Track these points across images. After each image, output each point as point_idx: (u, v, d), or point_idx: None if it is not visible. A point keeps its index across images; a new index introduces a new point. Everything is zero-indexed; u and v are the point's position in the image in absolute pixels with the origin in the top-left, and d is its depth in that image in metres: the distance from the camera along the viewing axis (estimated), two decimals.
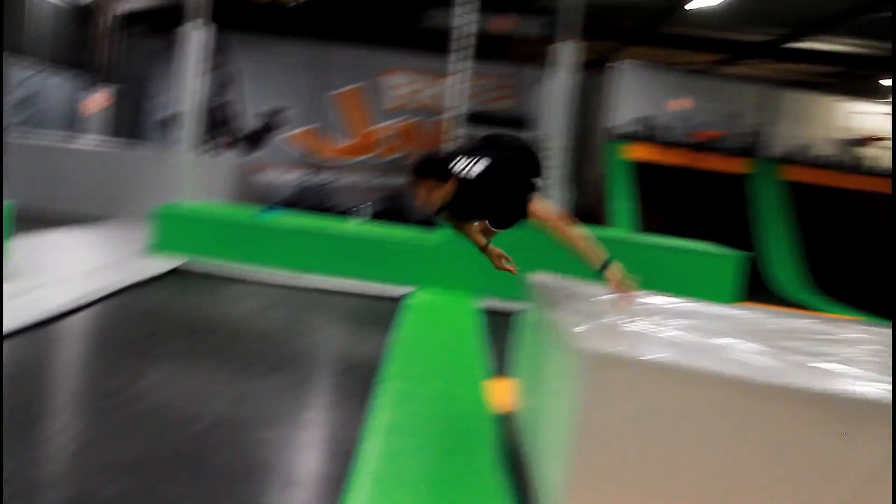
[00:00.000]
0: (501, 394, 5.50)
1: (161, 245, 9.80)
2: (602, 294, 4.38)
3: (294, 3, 7.71)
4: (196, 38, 10.66)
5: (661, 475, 3.38)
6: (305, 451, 4.62)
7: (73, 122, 17.89)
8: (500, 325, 7.93)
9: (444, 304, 8.98)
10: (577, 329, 3.67)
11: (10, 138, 13.59)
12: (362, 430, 4.63)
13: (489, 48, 17.11)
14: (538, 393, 4.37)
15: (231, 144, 17.95)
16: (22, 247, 8.88)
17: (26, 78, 16.04)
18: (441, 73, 18.06)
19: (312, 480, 4.21)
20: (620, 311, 4.16)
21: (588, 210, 14.87)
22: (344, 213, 17.33)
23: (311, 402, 5.50)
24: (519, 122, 17.06)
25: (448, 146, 12.93)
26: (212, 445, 4.38)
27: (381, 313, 8.42)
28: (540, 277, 5.11)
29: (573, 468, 3.46)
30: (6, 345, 5.66)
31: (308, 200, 18.05)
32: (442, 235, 9.83)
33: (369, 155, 18.75)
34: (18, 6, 15.83)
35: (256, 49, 18.29)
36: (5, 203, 7.98)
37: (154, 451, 4.19)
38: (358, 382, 5.79)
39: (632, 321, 4.01)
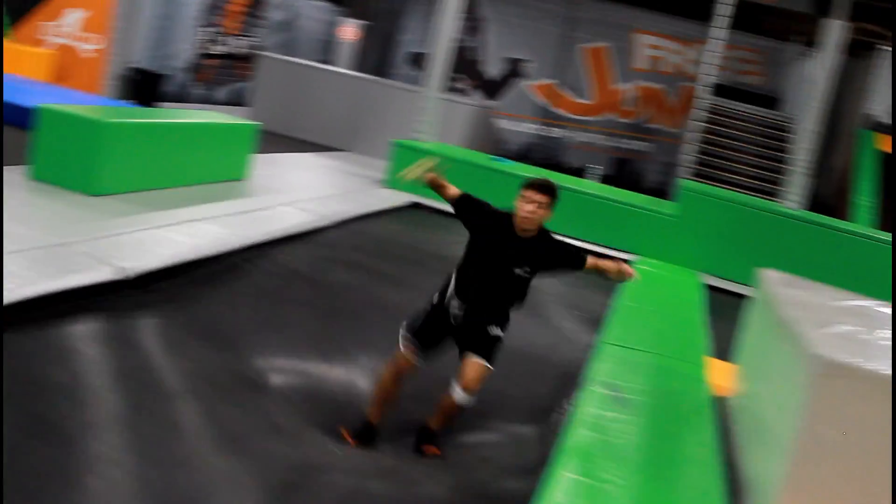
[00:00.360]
0: (719, 376, 5.33)
1: (396, 180, 10.00)
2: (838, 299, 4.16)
3: None
4: None
5: (881, 494, 3.18)
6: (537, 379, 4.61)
7: (324, 51, 18.45)
8: (724, 306, 7.70)
9: (669, 275, 8.79)
10: (810, 334, 3.49)
11: (269, 55, 14.12)
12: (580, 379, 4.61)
13: (747, 18, 16.49)
14: (759, 385, 4.20)
15: (473, 89, 18.10)
16: (268, 164, 9.27)
17: (289, 2, 16.62)
18: (693, 39, 17.58)
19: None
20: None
21: (828, 201, 14.16)
22: (574, 170, 17.21)
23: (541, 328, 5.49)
24: (768, 99, 16.40)
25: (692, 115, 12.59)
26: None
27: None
28: (772, 273, 4.89)
29: (791, 474, 3.31)
30: (243, 254, 5.93)
31: (540, 153, 18.02)
32: (676, 206, 9.61)
33: (608, 115, 18.48)
34: None
35: None
36: (248, 125, 8.35)
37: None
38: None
39: (860, 329, 3.78)
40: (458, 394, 3.98)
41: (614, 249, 9.35)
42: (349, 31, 18.40)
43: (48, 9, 12.22)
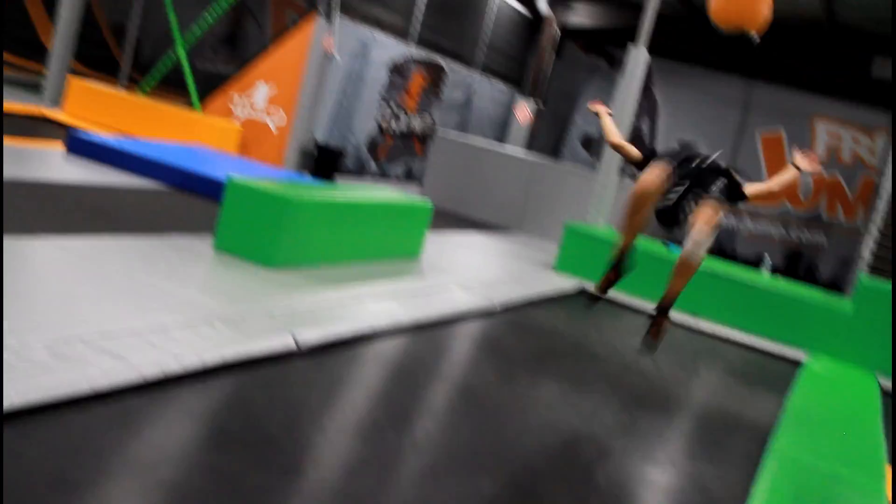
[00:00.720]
0: None
1: (566, 264, 10.01)
2: None
3: (756, 37, 7.55)
4: (637, 62, 10.75)
5: None
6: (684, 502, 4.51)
7: (499, 130, 18.75)
8: None
9: (844, 375, 8.45)
10: None
11: (441, 136, 14.43)
12: (743, 498, 4.43)
13: None
14: None
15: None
16: (438, 243, 9.41)
17: (466, 82, 16.98)
18: (875, 127, 17.07)
19: None
20: None
21: None
22: (746, 260, 16.83)
23: (694, 451, 5.35)
24: None
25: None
26: (588, 471, 4.37)
27: (776, 374, 8.09)
28: None
29: None
30: (413, 333, 6.03)
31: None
32: (852, 303, 9.28)
33: (782, 204, 18.04)
34: (479, 12, 16.79)
35: (679, 78, 18.19)
36: (425, 203, 8.52)
37: (534, 465, 4.24)
38: (745, 443, 5.59)
39: None
40: (689, 241, 4.89)
41: (786, 344, 9.09)
42: (524, 111, 18.65)
43: (240, 82, 12.84)
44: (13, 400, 3.33)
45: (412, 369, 5.43)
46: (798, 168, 5.58)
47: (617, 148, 5.88)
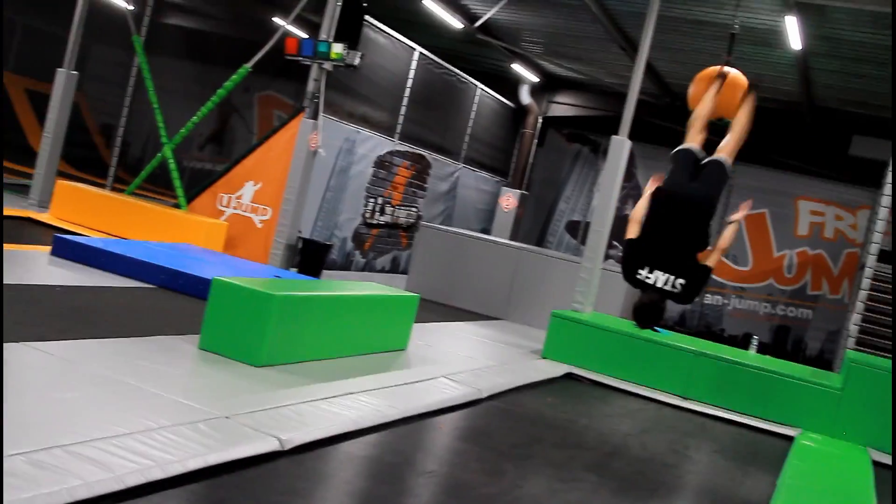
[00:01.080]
0: None
1: (553, 351, 10.04)
2: None
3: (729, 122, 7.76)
4: (620, 151, 10.91)
5: None
6: None
7: (484, 219, 18.91)
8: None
9: (836, 451, 8.44)
10: None
11: (429, 224, 14.54)
12: None
13: None
14: None
15: None
16: (426, 334, 9.44)
17: (450, 172, 17.18)
18: (857, 206, 17.30)
19: None
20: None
21: None
22: (732, 338, 16.89)
23: None
24: None
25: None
26: None
27: (768, 451, 8.10)
28: None
29: None
30: (401, 428, 6.03)
31: (698, 321, 17.80)
32: (841, 378, 9.30)
33: (767, 282, 18.16)
34: (463, 105, 17.07)
35: (661, 161, 18.40)
36: (411, 296, 8.59)
37: None
38: None
39: None
40: None
41: (776, 422, 9.09)
42: (509, 200, 18.83)
43: (228, 180, 12.97)
44: None
45: (398, 465, 5.42)
46: (732, 221, 6.92)
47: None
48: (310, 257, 12.47)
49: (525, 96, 19.04)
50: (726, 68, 7.76)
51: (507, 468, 5.70)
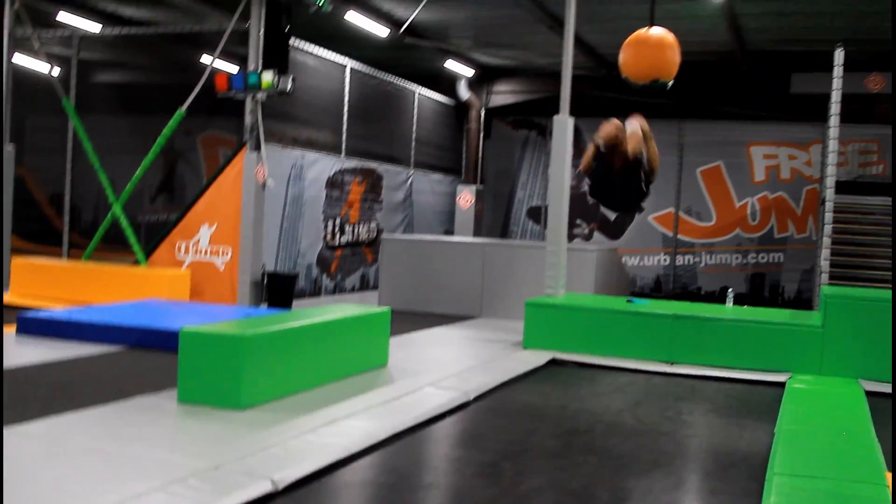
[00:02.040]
0: None
1: (533, 340, 10.01)
2: None
3: (670, 83, 7.79)
4: (563, 130, 10.88)
5: None
6: None
7: (446, 221, 18.87)
8: (891, 411, 7.38)
9: (828, 389, 8.46)
10: None
11: (390, 236, 14.48)
12: None
13: (859, 111, 16.32)
14: None
15: (593, 232, 18.18)
16: (402, 346, 9.38)
17: (403, 180, 17.12)
18: (808, 142, 17.42)
19: None
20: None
21: None
22: (709, 295, 16.96)
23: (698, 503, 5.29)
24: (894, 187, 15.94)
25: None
26: None
27: (761, 401, 8.10)
28: None
29: None
30: (394, 445, 5.98)
31: (672, 284, 17.85)
32: (821, 316, 9.33)
33: (734, 233, 18.24)
34: (403, 111, 17.04)
35: None
36: (382, 310, 8.55)
37: None
38: (742, 480, 5.54)
39: None
40: None
41: (764, 372, 9.11)
42: (466, 197, 18.80)
43: (183, 227, 12.85)
44: None
45: (395, 484, 5.35)
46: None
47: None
48: (277, 290, 12.37)
49: (464, 91, 19.02)
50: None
51: (505, 467, 5.65)
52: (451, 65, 18.03)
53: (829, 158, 12.40)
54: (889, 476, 5.42)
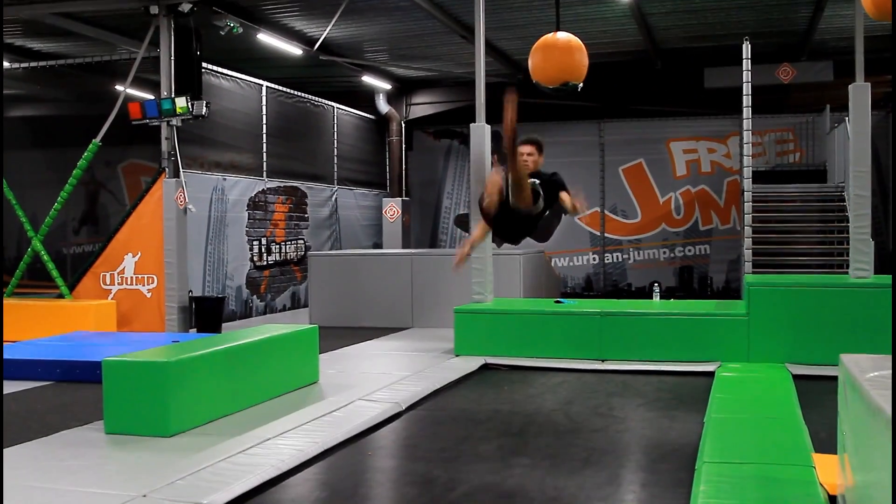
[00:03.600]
0: (829, 473, 5.12)
1: (464, 346, 10.04)
2: None
3: (580, 85, 7.86)
4: (480, 136, 10.93)
5: None
6: None
7: (373, 234, 18.86)
8: (818, 392, 7.50)
9: (756, 375, 8.61)
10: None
11: (316, 253, 14.44)
12: None
13: (772, 101, 16.65)
14: (866, 476, 4.02)
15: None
16: (334, 361, 9.34)
17: (328, 197, 17.08)
18: (726, 135, 17.73)
19: None
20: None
21: None
22: (640, 291, 17.15)
23: (628, 498, 5.31)
24: (814, 173, 16.30)
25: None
26: None
27: (692, 392, 8.20)
28: (855, 358, 4.72)
29: None
30: (325, 461, 5.95)
31: (603, 282, 18.03)
32: (745, 304, 9.49)
33: (660, 228, 18.48)
34: (323, 128, 16.99)
35: (523, 135, 18.62)
36: (309, 328, 8.52)
37: None
38: (674, 471, 5.61)
39: None
40: None
41: (694, 363, 9.23)
42: (392, 210, 18.81)
43: (107, 257, 12.67)
44: None
45: (329, 500, 5.33)
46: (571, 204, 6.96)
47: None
48: (206, 314, 12.25)
49: (383, 105, 19.04)
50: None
51: (438, 474, 5.65)
52: (369, 79, 18.04)
53: (745, 149, 12.63)
54: (817, 457, 5.51)
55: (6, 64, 14.36)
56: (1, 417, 3.27)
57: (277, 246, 15.27)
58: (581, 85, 8.28)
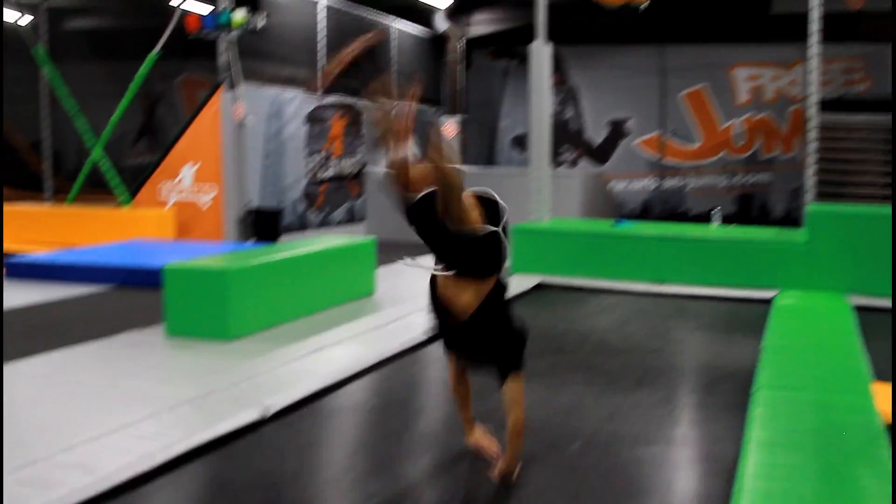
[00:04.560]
0: (887, 401, 5.06)
1: (520, 265, 10.01)
2: None
3: (643, 6, 7.69)
4: (541, 57, 10.78)
5: None
6: (681, 471, 4.48)
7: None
8: (878, 324, 7.41)
9: (815, 304, 8.49)
10: None
11: (370, 171, 14.41)
12: (739, 447, 4.41)
13: (840, 28, 16.20)
14: None
15: (581, 158, 18.14)
16: (390, 276, 9.39)
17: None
18: (792, 62, 17.33)
19: (691, 502, 4.07)
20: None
21: None
22: (698, 217, 16.95)
23: (683, 418, 5.32)
24: (879, 103, 15.90)
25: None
26: (587, 466, 4.36)
27: (748, 318, 8.12)
28: None
29: None
30: (380, 371, 6.01)
31: (660, 207, 17.86)
32: (806, 233, 9.34)
33: (720, 155, 18.20)
34: (382, 45, 16.87)
35: (593, 60, 18.35)
36: (367, 240, 8.53)
37: (529, 474, 4.21)
38: (730, 394, 5.60)
39: None
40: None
41: (752, 289, 9.14)
42: (449, 127, 18.70)
43: (165, 168, 12.78)
44: None
45: (385, 408, 5.39)
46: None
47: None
48: (263, 225, 12.35)
49: (442, 23, 18.81)
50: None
51: (491, 390, 5.66)
52: None
53: (811, 77, 12.34)
54: (877, 386, 5.46)
55: None
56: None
57: (335, 161, 15.27)
58: (645, 5, 8.10)
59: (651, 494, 4.07)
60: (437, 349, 6.66)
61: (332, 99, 15.09)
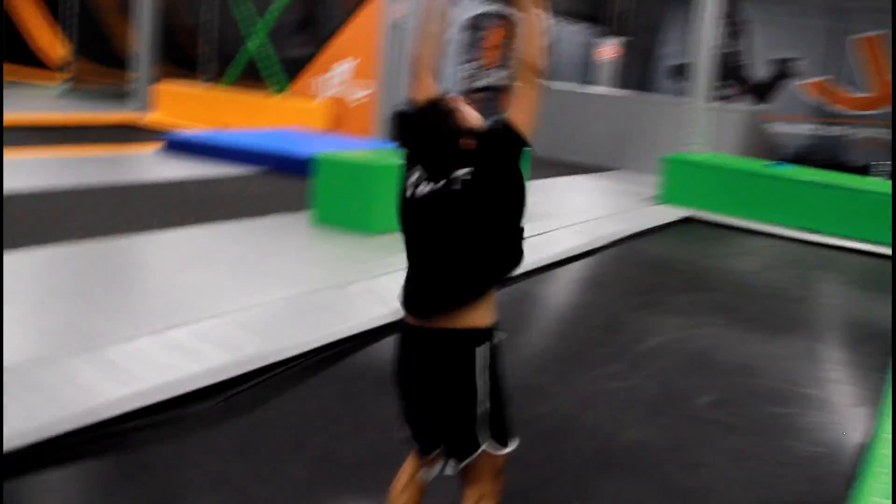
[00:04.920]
0: None
1: (669, 195, 9.79)
2: None
3: None
4: None
5: None
6: (820, 432, 4.28)
7: (585, 72, 18.46)
8: None
9: None
10: None
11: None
12: (880, 412, 4.23)
13: None
14: None
15: (741, 94, 17.57)
16: (538, 190, 9.29)
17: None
18: None
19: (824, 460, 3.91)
20: None
21: None
22: (859, 169, 16.27)
23: (825, 374, 5.08)
24: None
25: None
26: (717, 420, 4.22)
27: None
28: None
29: None
30: (513, 286, 5.98)
31: (820, 154, 17.19)
32: None
33: (888, 108, 17.35)
34: None
35: None
36: (526, 150, 8.40)
37: (648, 426, 4.14)
38: (876, 354, 5.31)
39: None
40: None
41: None
42: (609, 49, 18.30)
43: (320, 63, 12.89)
44: (134, 389, 3.41)
45: (519, 320, 5.37)
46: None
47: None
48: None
49: None
50: None
51: (624, 322, 5.58)
52: None
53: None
54: None
55: None
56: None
57: (487, 71, 15.15)
58: None
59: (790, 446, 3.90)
60: (574, 270, 6.63)
61: (492, 7, 14.91)
